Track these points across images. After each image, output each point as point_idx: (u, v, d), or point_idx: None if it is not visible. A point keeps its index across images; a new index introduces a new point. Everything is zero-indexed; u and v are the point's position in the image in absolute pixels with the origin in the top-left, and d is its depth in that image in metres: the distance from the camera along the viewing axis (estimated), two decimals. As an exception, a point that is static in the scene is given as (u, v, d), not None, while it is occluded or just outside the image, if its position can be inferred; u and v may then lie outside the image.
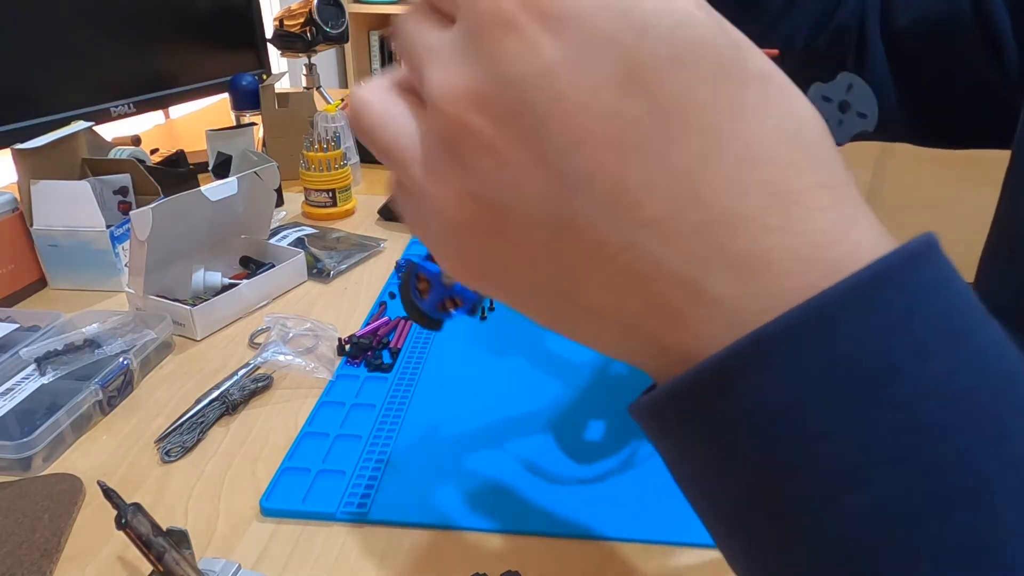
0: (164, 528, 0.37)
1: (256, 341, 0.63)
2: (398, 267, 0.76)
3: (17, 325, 0.61)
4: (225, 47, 1.14)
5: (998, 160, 0.47)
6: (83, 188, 0.69)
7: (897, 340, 0.16)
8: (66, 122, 0.78)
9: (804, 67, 0.56)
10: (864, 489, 0.16)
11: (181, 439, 0.50)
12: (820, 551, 0.17)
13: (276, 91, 1.05)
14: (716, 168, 0.17)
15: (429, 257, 0.34)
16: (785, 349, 0.17)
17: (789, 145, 0.17)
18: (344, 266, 0.76)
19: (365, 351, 0.60)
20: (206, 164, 0.95)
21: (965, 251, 0.47)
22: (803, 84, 0.51)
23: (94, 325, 0.59)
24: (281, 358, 0.57)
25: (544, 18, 0.17)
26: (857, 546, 0.17)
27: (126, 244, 0.72)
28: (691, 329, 0.18)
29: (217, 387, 0.55)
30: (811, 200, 0.17)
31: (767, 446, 0.17)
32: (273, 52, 1.22)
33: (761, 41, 0.20)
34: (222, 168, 0.92)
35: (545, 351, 0.62)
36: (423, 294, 0.35)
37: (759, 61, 0.18)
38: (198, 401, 0.54)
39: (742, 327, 0.17)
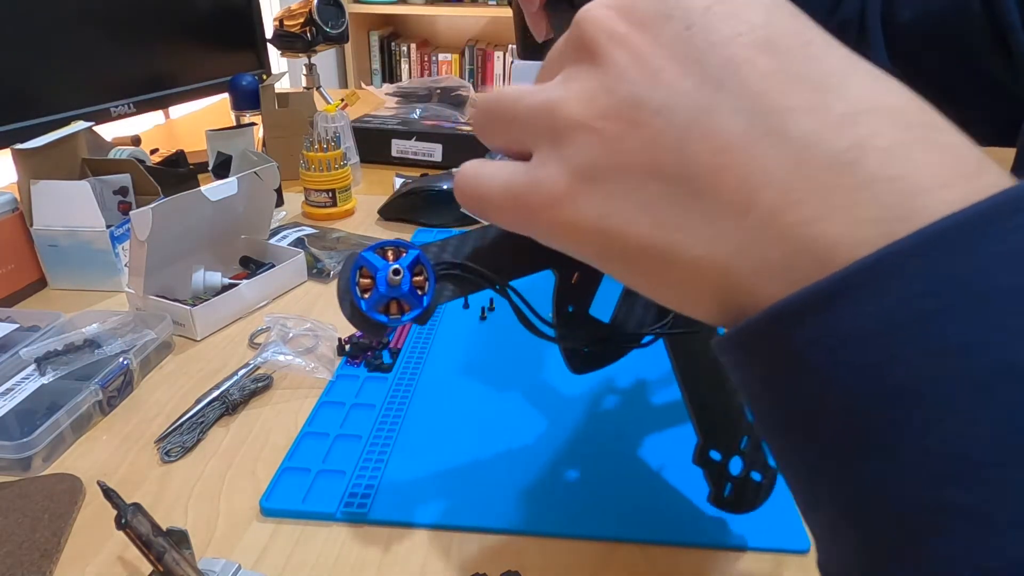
0: (164, 528, 0.37)
1: (256, 341, 0.63)
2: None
3: (17, 325, 0.61)
4: (225, 47, 1.14)
5: (1004, 160, 0.47)
6: (83, 188, 0.69)
7: None
8: (66, 122, 0.78)
9: None
10: (997, 399, 0.16)
11: (181, 439, 0.50)
12: (939, 464, 0.16)
13: (276, 91, 1.05)
14: (854, 78, 0.19)
15: (381, 249, 0.31)
16: (915, 264, 0.17)
17: (916, 109, 0.19)
18: (344, 266, 0.76)
19: (365, 351, 0.60)
20: (206, 164, 0.95)
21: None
22: None
23: (94, 325, 0.59)
24: (281, 358, 0.57)
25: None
26: (978, 459, 0.16)
27: (126, 244, 0.72)
28: (835, 221, 0.18)
29: (217, 387, 0.55)
30: (941, 137, 0.18)
31: (898, 355, 0.17)
32: (273, 52, 1.22)
33: None
34: (222, 168, 0.92)
35: (545, 351, 0.62)
36: (364, 292, 0.30)
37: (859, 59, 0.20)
38: (198, 401, 0.54)
39: (886, 227, 0.17)
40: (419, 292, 0.31)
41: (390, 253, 0.31)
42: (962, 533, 0.16)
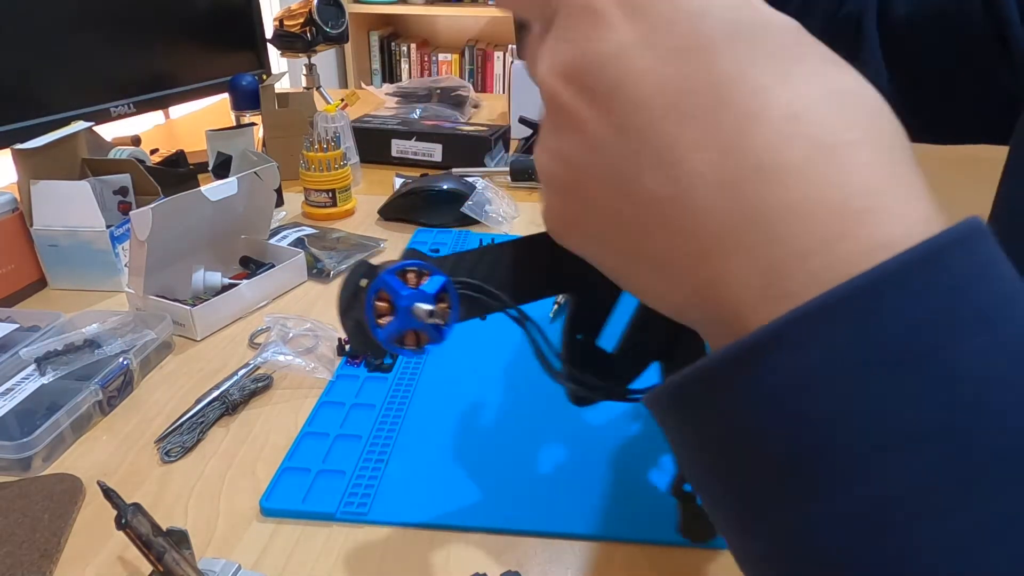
0: (164, 528, 0.37)
1: (256, 341, 0.63)
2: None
3: (17, 325, 0.61)
4: (225, 47, 1.14)
5: (998, 160, 0.47)
6: (83, 188, 0.69)
7: (943, 319, 0.17)
8: (66, 122, 0.78)
9: None
10: (898, 460, 0.17)
11: (181, 439, 0.50)
12: (843, 522, 0.17)
13: (276, 91, 1.05)
14: (761, 126, 0.18)
15: (401, 272, 0.28)
16: (830, 326, 0.17)
17: (835, 112, 0.18)
18: (344, 266, 0.76)
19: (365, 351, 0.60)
20: (206, 164, 0.95)
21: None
22: None
23: (94, 325, 0.59)
24: (281, 358, 0.57)
25: (622, 5, 0.20)
26: (884, 518, 0.17)
27: (126, 244, 0.72)
28: (733, 285, 0.19)
29: (217, 387, 0.55)
30: (851, 156, 0.18)
31: (802, 416, 0.18)
32: (273, 52, 1.22)
33: None
34: (222, 168, 0.92)
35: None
36: (380, 317, 0.27)
37: (812, 42, 0.20)
38: (198, 401, 0.54)
39: (780, 284, 0.18)
40: (440, 323, 0.28)
41: (412, 276, 0.28)
42: None
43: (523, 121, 1.14)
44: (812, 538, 0.18)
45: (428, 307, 0.28)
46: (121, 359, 0.55)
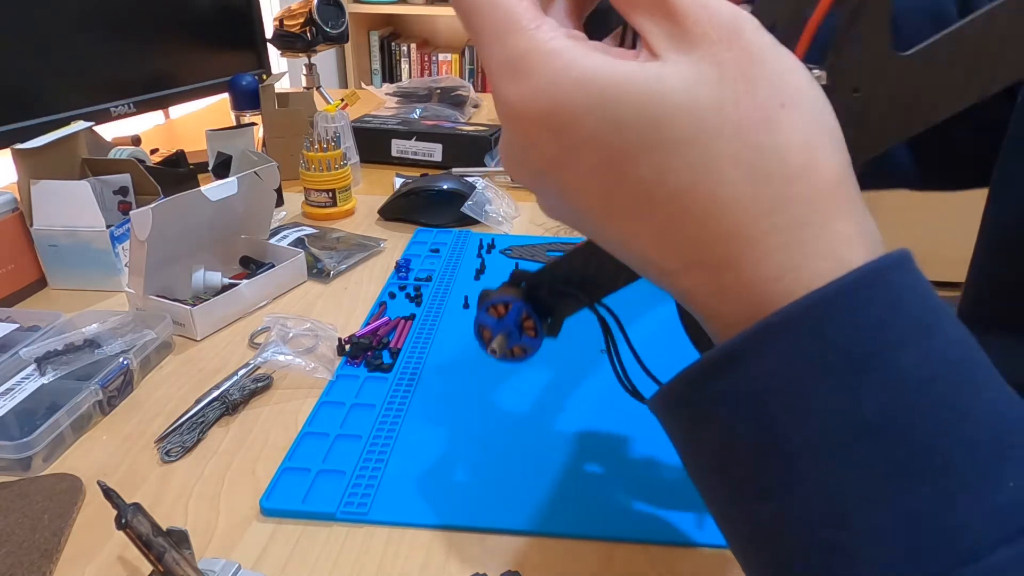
0: (164, 528, 0.37)
1: (256, 341, 0.63)
2: (398, 267, 0.76)
3: (17, 325, 0.61)
4: (225, 47, 1.14)
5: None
6: (83, 188, 0.69)
7: (882, 330, 0.20)
8: (66, 122, 0.78)
9: None
10: (850, 456, 0.20)
11: (181, 439, 0.50)
12: (810, 511, 0.20)
13: (276, 91, 1.05)
14: (683, 227, 0.21)
15: (492, 308, 0.36)
16: (786, 336, 0.20)
17: (758, 187, 0.21)
18: (344, 266, 0.76)
19: (365, 351, 0.60)
20: (206, 164, 0.95)
21: (964, 249, 0.47)
22: None
23: (94, 325, 0.59)
24: (281, 358, 0.57)
25: (546, 126, 0.22)
26: (841, 506, 0.20)
27: (126, 244, 0.72)
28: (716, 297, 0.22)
29: (217, 387, 0.55)
30: (765, 243, 0.21)
31: (770, 416, 0.21)
32: (273, 52, 1.22)
33: None
34: (222, 168, 0.92)
35: (544, 351, 0.61)
36: (489, 342, 0.37)
37: (738, 110, 0.21)
38: (198, 401, 0.54)
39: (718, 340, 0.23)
40: (532, 334, 0.37)
41: (500, 308, 0.36)
42: (837, 569, 0.20)
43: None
44: (779, 530, 0.21)
45: (502, 341, 0.36)
46: (121, 359, 0.55)
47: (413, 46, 2.86)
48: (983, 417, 0.20)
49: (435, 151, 1.09)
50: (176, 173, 0.91)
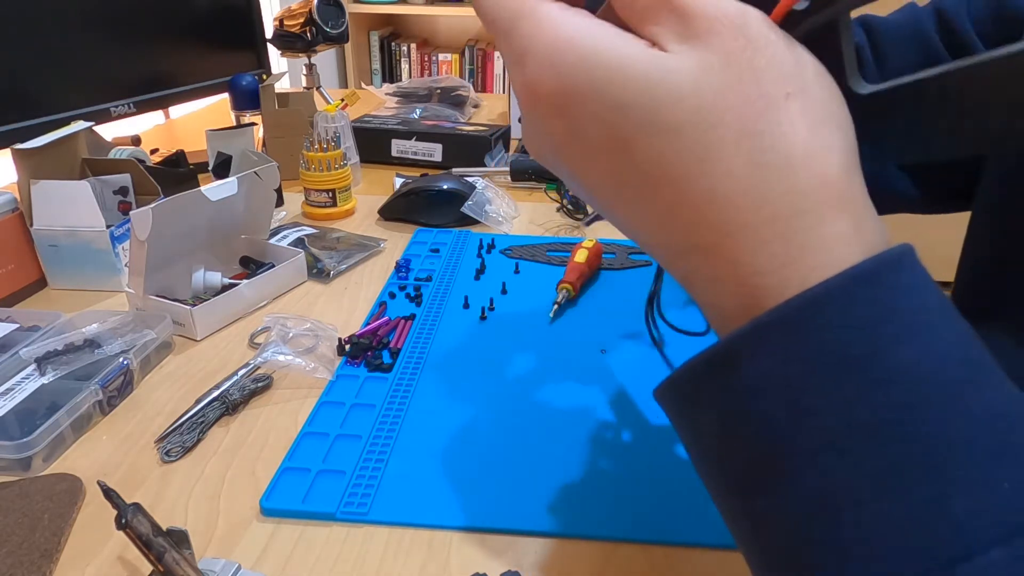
0: (164, 528, 0.37)
1: (256, 341, 0.63)
2: (398, 267, 0.76)
3: (17, 325, 0.61)
4: (225, 47, 1.14)
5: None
6: (83, 188, 0.69)
7: (876, 330, 0.20)
8: (66, 122, 0.78)
9: None
10: (843, 453, 0.20)
11: (181, 439, 0.50)
12: (804, 506, 0.20)
13: (276, 91, 1.05)
14: (682, 211, 0.22)
15: None
16: (777, 338, 0.20)
17: (756, 176, 0.21)
18: (344, 266, 0.76)
19: (365, 351, 0.60)
20: (206, 164, 0.95)
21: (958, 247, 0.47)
22: None
23: (94, 325, 0.59)
24: (281, 358, 0.57)
25: (554, 105, 0.23)
26: (834, 503, 0.20)
27: (126, 244, 0.72)
28: (719, 293, 0.23)
29: (217, 387, 0.55)
30: (759, 233, 0.21)
31: (765, 414, 0.21)
32: (273, 52, 1.22)
33: None
34: (222, 168, 0.92)
35: (545, 351, 0.62)
36: None
37: (740, 98, 0.21)
38: (198, 401, 0.54)
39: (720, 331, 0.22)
40: None
41: None
42: (830, 564, 0.20)
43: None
44: (773, 525, 0.21)
45: None
46: (121, 359, 0.55)
47: (413, 46, 2.86)
48: (981, 416, 0.20)
49: (435, 151, 1.09)
50: (176, 173, 0.91)
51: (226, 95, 1.14)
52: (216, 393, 0.54)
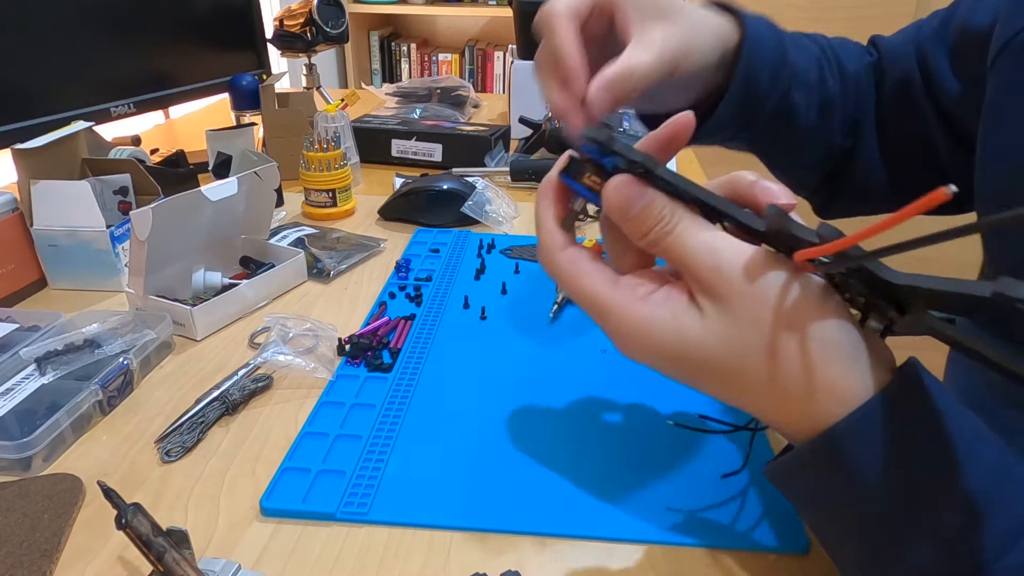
0: (164, 528, 0.37)
1: (256, 341, 0.63)
2: (398, 267, 0.76)
3: (17, 325, 0.61)
4: (225, 47, 1.14)
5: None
6: (83, 188, 0.69)
7: (896, 447, 0.30)
8: (66, 122, 0.78)
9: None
10: (861, 536, 0.32)
11: (181, 439, 0.50)
12: (845, 561, 0.34)
13: (276, 91, 1.05)
14: (747, 410, 0.35)
15: (620, 158, 0.32)
16: (813, 458, 0.32)
17: (767, 402, 0.33)
18: (344, 266, 0.76)
19: (365, 351, 0.60)
20: (206, 164, 0.95)
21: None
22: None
23: (94, 325, 0.59)
24: (281, 358, 0.57)
25: (641, 362, 0.34)
26: (864, 562, 0.32)
27: (126, 244, 0.72)
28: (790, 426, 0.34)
29: (217, 387, 0.55)
30: (790, 427, 0.33)
31: (816, 505, 0.34)
32: (273, 52, 1.22)
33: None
34: (222, 168, 0.92)
35: (545, 351, 0.62)
36: (594, 186, 0.34)
37: (745, 345, 0.31)
38: (198, 401, 0.54)
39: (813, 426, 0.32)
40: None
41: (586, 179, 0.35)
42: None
43: (523, 121, 1.14)
44: (840, 566, 0.35)
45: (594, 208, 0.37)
46: (121, 359, 0.55)
47: (413, 46, 2.86)
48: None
49: (435, 151, 1.09)
50: (176, 173, 0.91)
51: (226, 95, 1.14)
52: (216, 393, 0.54)
